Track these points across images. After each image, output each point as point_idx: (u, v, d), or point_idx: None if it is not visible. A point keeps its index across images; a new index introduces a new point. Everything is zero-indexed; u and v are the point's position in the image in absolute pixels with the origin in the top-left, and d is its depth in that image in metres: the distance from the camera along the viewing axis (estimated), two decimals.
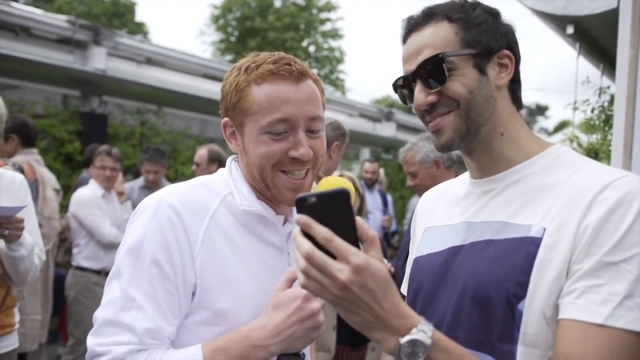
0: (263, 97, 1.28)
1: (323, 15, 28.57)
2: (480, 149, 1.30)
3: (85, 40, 8.81)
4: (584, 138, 4.75)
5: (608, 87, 4.23)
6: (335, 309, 0.99)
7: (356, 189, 4.38)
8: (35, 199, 4.23)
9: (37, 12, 8.83)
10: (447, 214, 1.41)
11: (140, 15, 59.32)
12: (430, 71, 1.23)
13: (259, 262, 1.35)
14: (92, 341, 1.23)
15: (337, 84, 29.52)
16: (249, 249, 1.34)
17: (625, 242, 1.06)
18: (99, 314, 1.25)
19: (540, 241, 1.14)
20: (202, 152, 5.43)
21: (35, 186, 4.29)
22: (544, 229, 1.15)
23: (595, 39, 4.38)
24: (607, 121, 4.22)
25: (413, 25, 1.29)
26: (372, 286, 0.93)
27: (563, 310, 1.09)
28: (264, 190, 1.36)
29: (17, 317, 2.88)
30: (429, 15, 1.28)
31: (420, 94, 1.26)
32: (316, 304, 1.24)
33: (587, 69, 5.29)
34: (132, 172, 7.92)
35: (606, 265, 1.06)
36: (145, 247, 1.24)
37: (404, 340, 0.95)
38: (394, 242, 8.45)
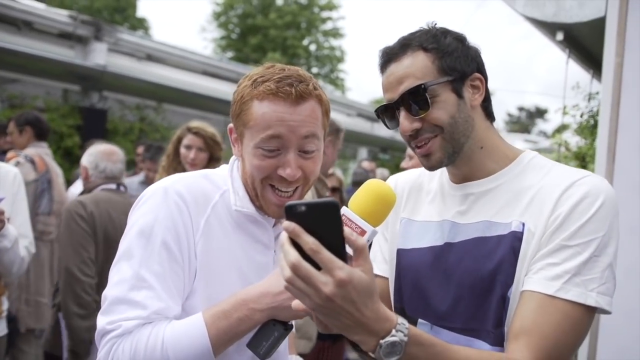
0: (260, 114, 1.34)
1: (324, 14, 28.60)
2: (462, 162, 1.42)
3: (86, 35, 8.90)
4: (574, 142, 4.83)
5: (597, 93, 4.32)
6: (315, 314, 1.03)
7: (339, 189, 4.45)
8: (47, 189, 4.37)
9: (39, 7, 8.91)
10: (426, 210, 1.52)
11: (142, 11, 59.28)
12: (414, 100, 1.33)
13: (246, 256, 1.43)
14: (102, 320, 1.29)
15: (337, 84, 29.56)
16: (238, 244, 1.42)
17: (583, 231, 1.23)
18: (109, 293, 1.30)
19: (522, 235, 1.30)
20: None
21: (47, 177, 4.42)
22: (523, 224, 1.30)
23: (584, 45, 4.48)
24: (596, 126, 4.31)
25: (391, 56, 1.38)
26: (354, 297, 0.97)
27: (524, 284, 1.26)
28: (254, 197, 1.44)
29: (5, 305, 2.93)
30: (404, 46, 1.36)
31: (405, 121, 1.36)
32: None
33: (579, 74, 5.39)
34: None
35: (563, 248, 1.24)
36: (156, 230, 1.30)
37: (383, 341, 1.01)
38: None
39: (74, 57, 8.88)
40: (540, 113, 44.94)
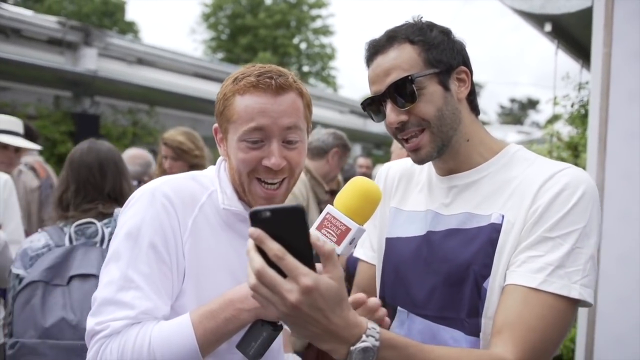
0: (242, 107, 1.37)
1: (314, 12, 28.63)
2: (449, 156, 1.43)
3: (75, 41, 8.88)
4: (566, 132, 4.86)
5: (587, 83, 4.34)
6: (284, 323, 1.01)
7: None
8: (51, 195, 4.46)
9: (27, 14, 8.89)
10: (414, 200, 1.54)
11: (130, 14, 59.08)
12: (400, 92, 1.34)
13: (236, 255, 1.43)
14: (91, 321, 1.30)
15: (329, 81, 29.59)
16: (228, 243, 1.43)
17: (563, 222, 1.24)
18: (98, 295, 1.31)
19: (501, 227, 1.30)
20: None
21: (49, 183, 4.51)
22: (503, 216, 1.31)
23: (573, 36, 4.50)
24: (587, 115, 4.34)
25: (377, 48, 1.38)
26: (321, 305, 0.94)
27: (507, 278, 1.26)
28: (242, 194, 1.46)
29: (1, 314, 2.93)
30: (391, 39, 1.37)
31: (391, 113, 1.36)
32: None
33: (569, 64, 5.42)
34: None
35: (545, 240, 1.24)
36: (143, 232, 1.31)
37: (354, 348, 0.99)
38: None
39: (64, 63, 8.86)
40: (532, 104, 45.09)
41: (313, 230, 1.25)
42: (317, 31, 28.92)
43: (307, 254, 0.96)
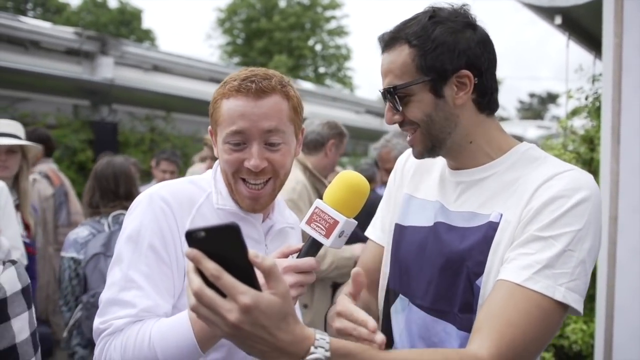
0: (226, 110, 1.43)
1: (328, 14, 28.63)
2: (452, 155, 1.45)
3: (92, 50, 8.99)
4: (580, 125, 4.79)
5: (600, 75, 4.28)
6: (231, 342, 1.00)
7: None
8: (64, 202, 4.53)
9: (45, 26, 9.05)
10: (426, 189, 1.55)
11: (147, 22, 59.70)
12: (392, 97, 1.38)
13: None
14: (97, 321, 1.37)
15: (345, 82, 29.55)
16: None
17: (557, 223, 1.22)
18: (103, 296, 1.39)
19: (497, 225, 1.30)
20: None
21: (63, 190, 4.59)
22: (501, 215, 1.31)
23: (585, 28, 4.45)
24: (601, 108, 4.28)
25: (383, 47, 1.42)
26: (263, 322, 0.94)
27: (499, 274, 1.26)
28: (233, 194, 1.51)
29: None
30: (393, 39, 1.39)
31: (388, 113, 1.42)
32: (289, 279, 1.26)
33: (583, 56, 5.35)
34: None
35: (537, 239, 1.23)
36: (143, 234, 1.38)
37: None
38: None
39: (81, 72, 8.98)
40: (552, 98, 44.47)
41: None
42: (332, 32, 28.93)
43: (247, 272, 0.95)
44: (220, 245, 0.93)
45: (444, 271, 1.36)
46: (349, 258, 3.23)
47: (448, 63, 1.34)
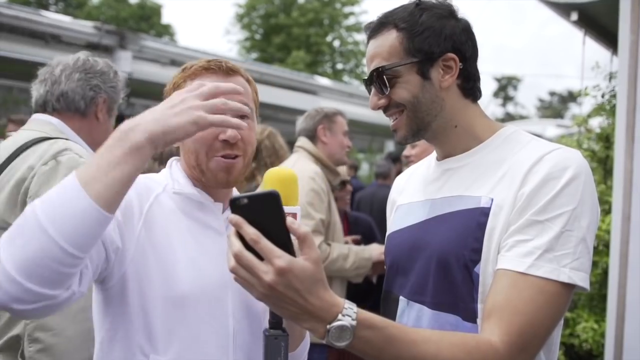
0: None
1: (347, 10, 28.52)
2: (437, 139, 1.46)
3: (111, 44, 9.10)
4: (597, 123, 4.74)
5: (617, 72, 4.23)
6: (265, 303, 1.07)
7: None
8: None
9: (65, 20, 9.17)
10: (415, 192, 1.56)
11: (166, 17, 60.16)
12: (379, 79, 1.39)
13: (196, 243, 1.42)
14: None
15: (362, 78, 29.42)
16: (187, 231, 1.42)
17: (552, 205, 1.22)
18: None
19: (489, 210, 1.30)
20: None
21: None
22: (492, 199, 1.31)
23: (602, 24, 4.40)
24: None
25: (370, 33, 1.44)
26: (296, 285, 1.01)
27: (497, 262, 1.26)
28: (199, 176, 1.45)
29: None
30: (381, 25, 1.42)
31: (373, 97, 1.44)
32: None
33: (600, 53, 5.29)
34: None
35: (533, 223, 1.23)
36: None
37: (330, 326, 1.04)
38: None
39: None
40: (572, 97, 43.89)
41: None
42: (350, 28, 28.83)
43: (284, 238, 1.03)
44: (260, 212, 1.02)
45: (439, 264, 1.35)
46: (367, 259, 3.27)
47: (435, 46, 1.37)
